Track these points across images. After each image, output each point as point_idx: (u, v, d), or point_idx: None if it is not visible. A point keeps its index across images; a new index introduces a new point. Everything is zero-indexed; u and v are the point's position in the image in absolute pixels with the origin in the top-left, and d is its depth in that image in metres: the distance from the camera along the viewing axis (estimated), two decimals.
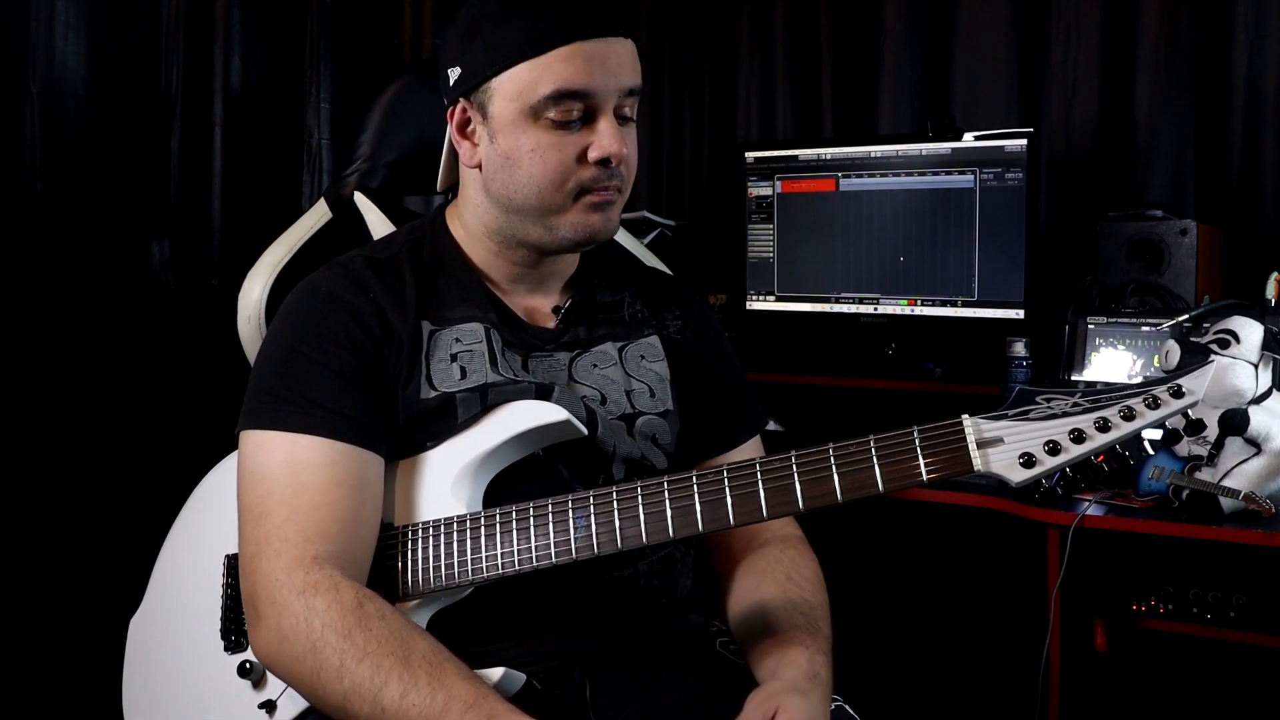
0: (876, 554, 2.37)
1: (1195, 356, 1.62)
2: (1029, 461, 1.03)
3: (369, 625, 1.05)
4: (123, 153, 2.21)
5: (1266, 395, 1.64)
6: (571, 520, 1.12)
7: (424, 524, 1.16)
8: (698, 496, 1.09)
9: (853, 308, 2.35)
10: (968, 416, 1.05)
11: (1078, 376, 1.98)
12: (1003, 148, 2.18)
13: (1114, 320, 1.98)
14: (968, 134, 2.21)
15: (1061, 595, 1.69)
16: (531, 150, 1.18)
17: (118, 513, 2.12)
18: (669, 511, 1.09)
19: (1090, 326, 1.99)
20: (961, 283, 2.23)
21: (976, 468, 1.04)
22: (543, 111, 1.16)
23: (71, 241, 2.12)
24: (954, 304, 2.25)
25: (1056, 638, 1.72)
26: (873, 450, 1.06)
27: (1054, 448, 1.03)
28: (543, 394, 1.20)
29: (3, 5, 2.01)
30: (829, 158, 2.36)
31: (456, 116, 1.23)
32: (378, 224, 1.63)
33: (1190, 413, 1.03)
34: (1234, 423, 1.62)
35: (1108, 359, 1.97)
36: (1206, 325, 1.72)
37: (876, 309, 2.32)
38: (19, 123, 2.04)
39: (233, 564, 1.27)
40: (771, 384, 2.30)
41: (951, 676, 2.33)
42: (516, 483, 1.19)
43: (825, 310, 2.38)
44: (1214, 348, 1.65)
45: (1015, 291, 2.17)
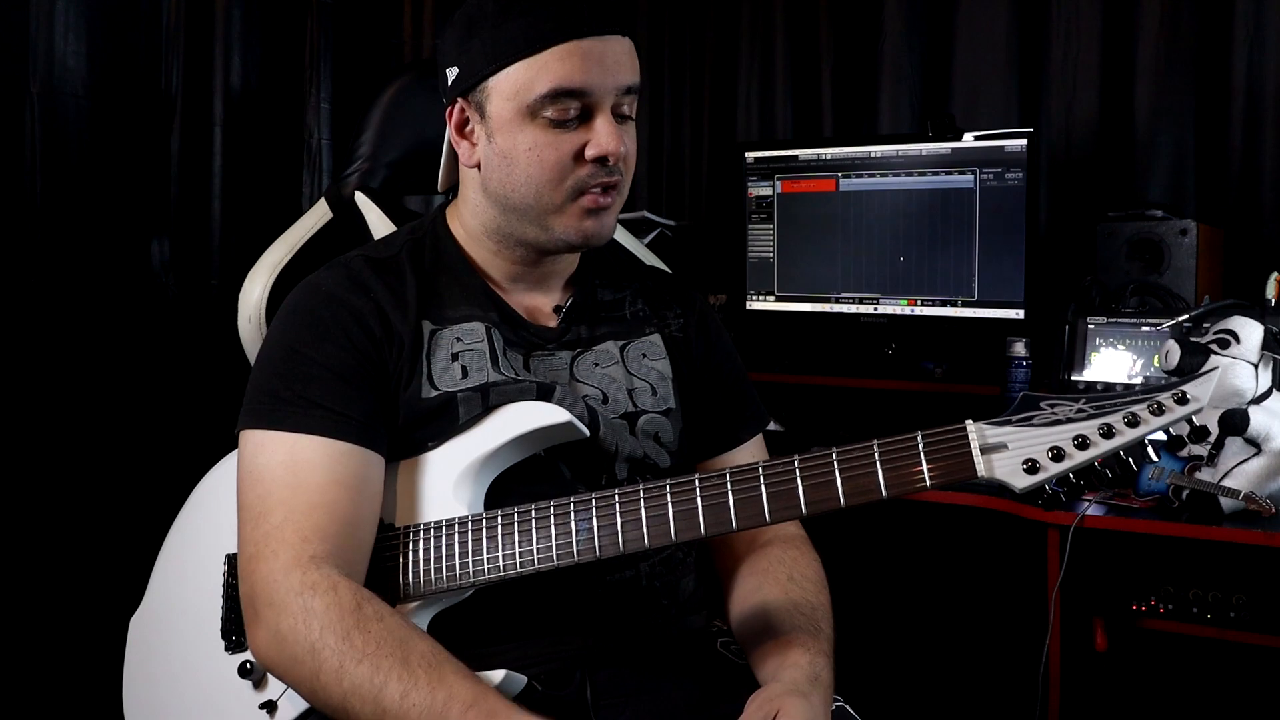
0: (877, 554, 2.37)
1: (1195, 356, 1.62)
2: (1033, 468, 1.02)
3: (368, 627, 1.05)
4: (123, 152, 2.21)
5: (1266, 395, 1.64)
6: (573, 522, 1.11)
7: (425, 525, 1.16)
8: (700, 499, 1.09)
9: (853, 308, 2.35)
10: (971, 422, 1.05)
11: (1078, 376, 1.98)
12: (1003, 148, 2.18)
13: (1114, 320, 1.98)
14: (968, 134, 2.21)
15: (1062, 595, 1.69)
16: (529, 149, 1.17)
17: (118, 512, 2.12)
18: (671, 514, 1.09)
19: (1090, 326, 1.99)
20: (961, 283, 2.23)
21: (980, 474, 1.03)
22: (540, 110, 1.16)
23: (71, 241, 2.12)
24: (954, 304, 2.24)
25: (1056, 637, 1.72)
26: (876, 455, 1.05)
27: (1058, 454, 1.02)
28: (544, 393, 1.20)
29: (3, 5, 2.01)
30: (829, 158, 2.36)
31: (455, 116, 1.23)
32: (378, 224, 1.63)
33: (1194, 419, 1.03)
34: (1234, 423, 1.62)
35: (1108, 359, 1.97)
36: (1206, 325, 1.72)
37: (876, 309, 2.32)
38: (19, 123, 2.04)
39: (233, 563, 1.27)
40: (771, 384, 2.29)
41: (952, 676, 2.33)
42: (518, 483, 1.19)
43: (825, 310, 2.38)
44: (1214, 348, 1.65)
45: (1015, 291, 2.17)
